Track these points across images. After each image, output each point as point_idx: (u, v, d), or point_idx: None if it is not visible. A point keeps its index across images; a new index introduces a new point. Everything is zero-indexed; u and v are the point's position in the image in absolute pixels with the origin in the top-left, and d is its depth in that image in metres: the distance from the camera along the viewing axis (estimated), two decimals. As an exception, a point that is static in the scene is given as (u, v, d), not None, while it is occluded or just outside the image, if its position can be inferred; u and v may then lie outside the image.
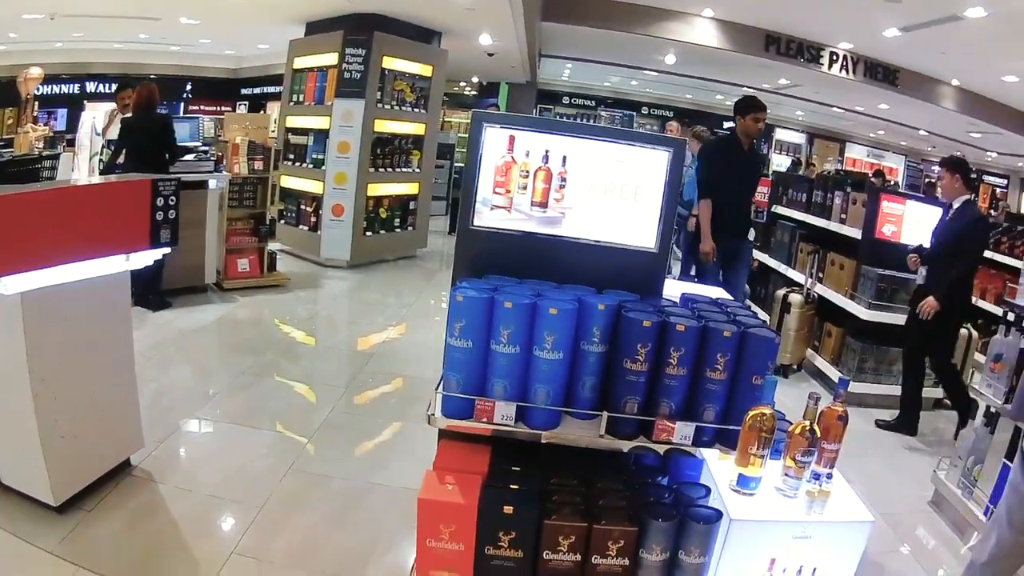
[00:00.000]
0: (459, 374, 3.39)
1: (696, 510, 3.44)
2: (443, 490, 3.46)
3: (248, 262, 10.98)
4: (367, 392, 7.71)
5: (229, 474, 5.65)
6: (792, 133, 34.80)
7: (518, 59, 19.45)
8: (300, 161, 13.72)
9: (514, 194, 3.71)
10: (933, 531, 6.31)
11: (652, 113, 33.27)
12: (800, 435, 3.39)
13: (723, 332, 3.35)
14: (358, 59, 12.89)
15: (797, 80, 21.74)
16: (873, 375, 9.10)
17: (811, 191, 11.10)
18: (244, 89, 28.22)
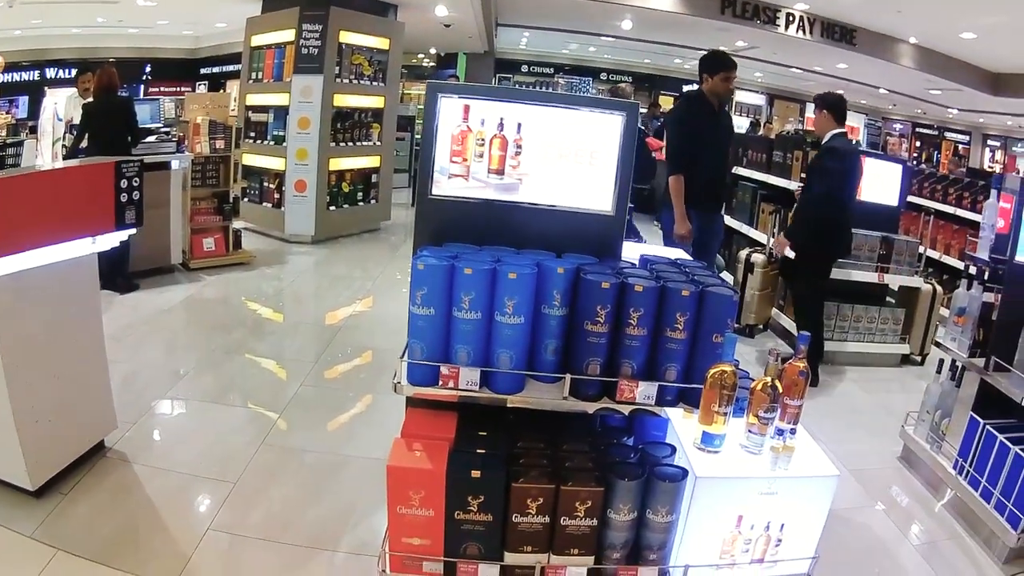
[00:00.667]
0: (423, 342, 3.42)
1: (662, 469, 3.47)
2: (411, 457, 3.48)
3: (213, 241, 10.95)
4: (336, 365, 7.73)
5: (202, 451, 5.67)
6: (752, 95, 34.92)
7: (475, 29, 19.42)
8: (261, 139, 13.65)
9: (471, 162, 3.73)
10: (903, 486, 6.36)
11: (611, 79, 33.08)
12: (762, 391, 3.42)
13: (681, 291, 3.39)
14: (315, 35, 12.83)
15: (755, 42, 21.73)
16: (838, 333, 9.15)
17: (771, 151, 11.14)
18: (203, 69, 28.16)
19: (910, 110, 34.30)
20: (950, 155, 34.87)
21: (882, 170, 9.34)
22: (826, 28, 18.91)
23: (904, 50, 20.00)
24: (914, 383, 8.31)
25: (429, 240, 3.80)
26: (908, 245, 9.21)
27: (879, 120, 37.39)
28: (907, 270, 9.21)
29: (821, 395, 8.07)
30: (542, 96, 3.84)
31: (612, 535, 3.51)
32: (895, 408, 7.28)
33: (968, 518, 5.71)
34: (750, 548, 3.65)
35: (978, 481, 5.56)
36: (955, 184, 12.56)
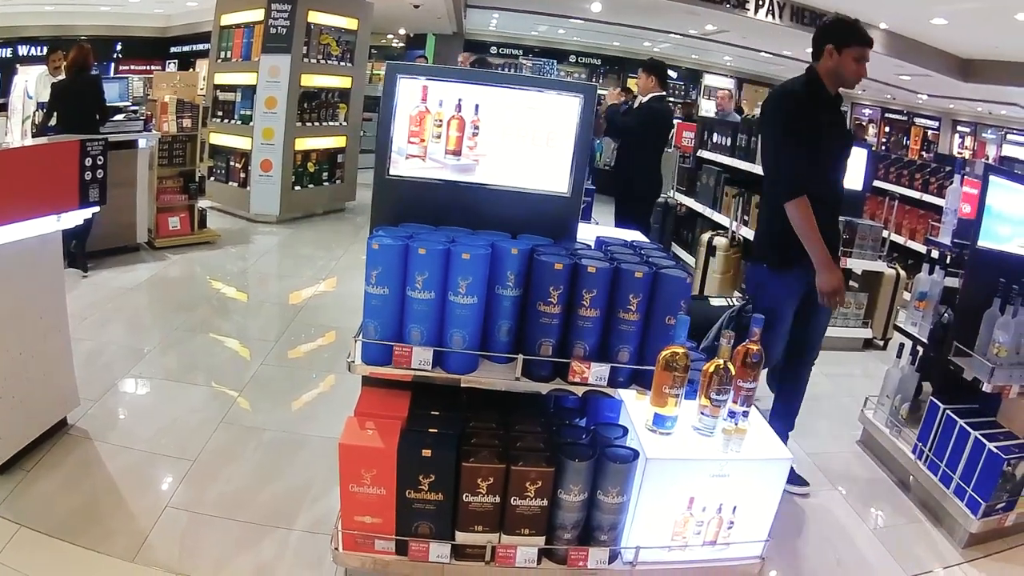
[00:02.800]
0: (377, 321, 3.44)
1: (612, 450, 3.49)
2: (363, 435, 3.50)
3: (179, 220, 10.87)
4: (297, 345, 7.74)
5: (163, 429, 5.66)
6: (721, 79, 34.83)
7: (443, 10, 19.40)
8: (228, 118, 13.58)
9: (428, 143, 3.73)
10: (862, 470, 6.38)
11: (580, 61, 33.37)
12: (714, 374, 3.43)
13: (635, 273, 3.41)
14: (284, 14, 12.73)
15: (724, 26, 21.83)
16: (801, 316, 9.04)
17: (735, 135, 11.05)
18: (173, 48, 27.97)
19: (880, 95, 34.37)
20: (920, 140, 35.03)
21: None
22: (796, 13, 18.94)
23: (874, 35, 19.78)
24: (876, 367, 8.29)
25: (386, 220, 3.81)
26: (872, 229, 9.18)
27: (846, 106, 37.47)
28: (870, 254, 9.15)
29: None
30: (500, 77, 3.85)
31: (563, 515, 3.54)
32: (856, 392, 7.30)
33: (928, 503, 5.74)
34: (702, 530, 3.67)
35: (937, 466, 5.59)
36: (922, 169, 12.62)
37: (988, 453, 5.12)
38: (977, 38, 18.35)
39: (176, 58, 27.63)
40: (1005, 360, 5.31)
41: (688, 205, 12.29)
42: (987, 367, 5.28)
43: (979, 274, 5.62)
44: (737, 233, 9.92)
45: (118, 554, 4.19)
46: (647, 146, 9.33)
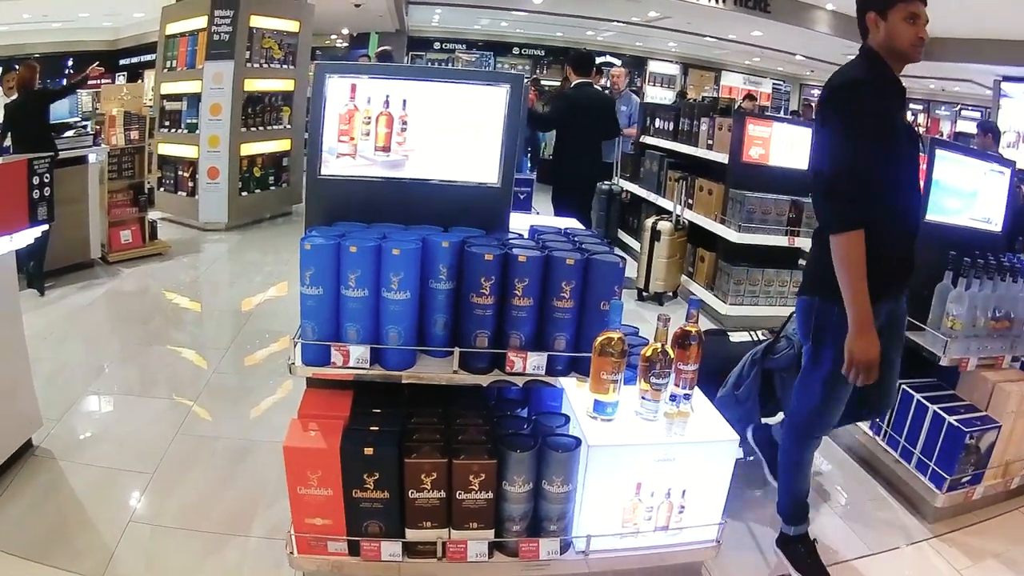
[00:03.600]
0: (313, 321, 3.45)
1: (554, 439, 3.50)
2: (307, 437, 3.50)
3: (130, 233, 10.80)
4: (249, 352, 7.71)
5: (122, 444, 5.64)
6: (666, 64, 34.90)
7: (385, 8, 19.33)
8: (175, 127, 13.51)
9: (358, 141, 3.71)
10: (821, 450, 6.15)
11: (524, 53, 33.32)
12: (653, 358, 3.43)
13: (566, 260, 3.41)
14: (226, 20, 12.70)
15: (667, 12, 21.82)
16: (750, 297, 9.21)
17: (678, 119, 11.09)
18: (123, 60, 27.81)
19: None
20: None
21: (791, 134, 9.40)
22: (739, -4, 18.93)
23: (821, 16, 20.11)
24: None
25: (320, 220, 3.80)
26: (820, 208, 9.14)
27: (786, 85, 37.51)
28: (818, 232, 9.15)
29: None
30: (426, 71, 3.85)
31: (510, 507, 3.55)
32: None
33: (891, 480, 5.75)
34: (653, 515, 3.68)
35: (897, 442, 5.61)
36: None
37: (948, 427, 5.14)
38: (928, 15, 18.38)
39: (125, 70, 27.49)
40: (960, 333, 5.31)
41: (632, 191, 12.30)
42: (941, 341, 5.30)
43: (929, 248, 5.63)
44: (681, 217, 9.94)
45: (87, 572, 4.18)
46: (575, 134, 9.38)
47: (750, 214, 8.81)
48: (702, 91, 31.96)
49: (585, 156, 9.59)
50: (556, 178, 9.79)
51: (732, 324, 8.76)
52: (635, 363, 3.58)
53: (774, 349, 5.05)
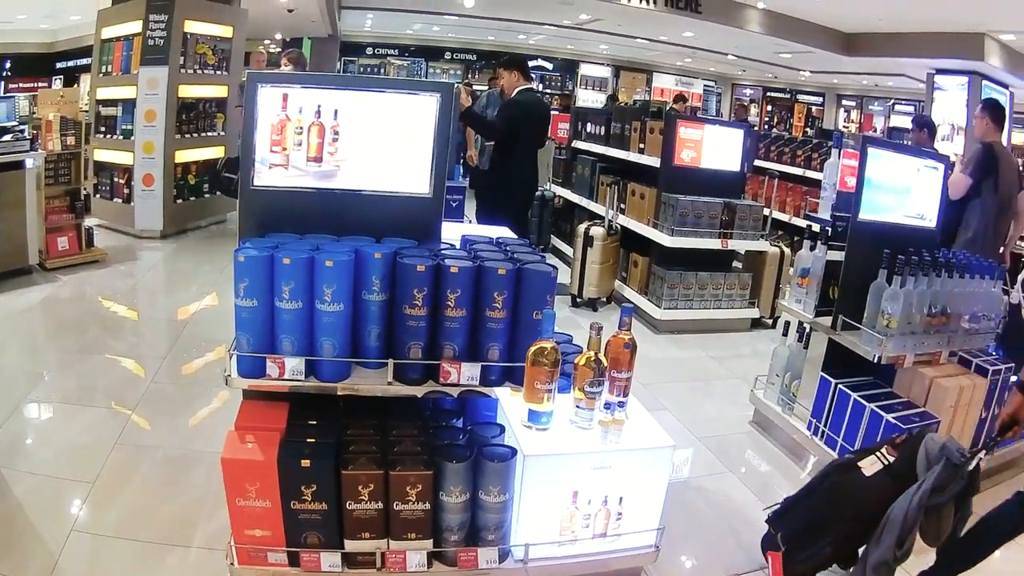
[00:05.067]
0: (248, 333, 3.44)
1: (489, 449, 3.52)
2: (244, 449, 3.50)
3: (67, 240, 10.70)
4: (187, 361, 7.67)
5: (62, 452, 5.61)
6: (598, 67, 35.03)
7: (318, 13, 19.23)
8: (111, 133, 13.35)
9: (290, 151, 3.70)
10: (757, 450, 6.46)
11: (456, 58, 33.54)
12: (586, 366, 3.46)
13: (498, 270, 3.42)
14: (161, 25, 12.57)
15: (598, 14, 21.80)
16: (684, 301, 9.21)
17: (609, 123, 11.11)
18: (59, 63, 27.60)
19: (761, 75, 34.71)
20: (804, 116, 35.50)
21: (722, 136, 9.47)
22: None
23: (752, 15, 20.20)
24: (766, 346, 8.25)
25: (254, 231, 3.79)
26: (752, 209, 9.35)
27: (718, 85, 37.77)
28: (752, 235, 9.34)
29: (670, 366, 8.15)
30: (357, 81, 3.88)
31: (447, 517, 3.56)
32: (747, 373, 7.37)
33: (829, 478, 5.78)
34: (590, 523, 3.70)
35: (835, 440, 5.68)
36: (803, 145, 12.78)
37: (886, 424, 5.22)
38: (859, 11, 18.52)
39: (62, 74, 27.28)
40: (896, 331, 5.38)
41: (565, 197, 12.32)
42: (876, 339, 5.38)
43: (862, 247, 5.69)
44: (614, 222, 9.95)
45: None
46: (520, 140, 9.26)
47: (683, 218, 8.85)
48: (634, 93, 32.08)
49: (531, 164, 9.57)
50: (496, 188, 9.64)
51: (667, 328, 8.87)
52: (569, 371, 3.60)
53: (944, 487, 3.99)
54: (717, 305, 9.34)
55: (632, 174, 10.15)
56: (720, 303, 9.36)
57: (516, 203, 9.40)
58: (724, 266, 9.68)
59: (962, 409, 5.58)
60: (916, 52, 19.78)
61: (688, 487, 5.55)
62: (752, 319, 9.70)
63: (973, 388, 5.63)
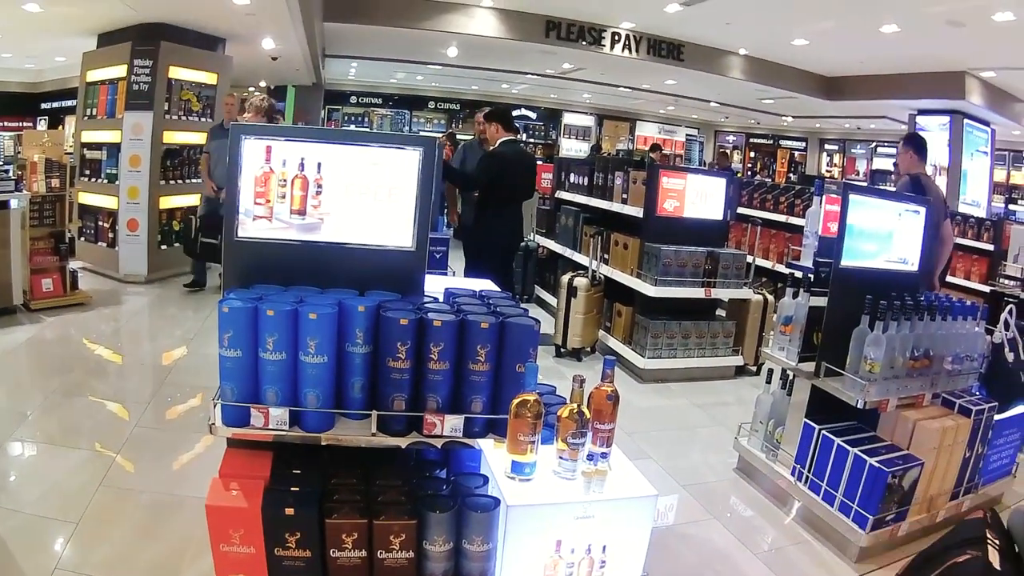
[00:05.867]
0: (232, 383, 3.45)
1: (473, 499, 3.51)
2: (228, 496, 3.50)
3: (52, 281, 10.74)
4: (171, 406, 7.69)
5: (47, 492, 5.64)
6: (581, 116, 35.24)
7: (301, 61, 19.22)
8: (96, 176, 13.42)
9: (274, 203, 3.73)
10: (741, 496, 6.48)
11: (439, 107, 33.70)
12: (569, 418, 3.47)
13: (481, 324, 3.45)
14: (145, 70, 12.67)
15: (581, 63, 21.97)
16: (668, 350, 9.23)
17: (592, 174, 11.14)
18: (44, 103, 27.58)
19: (743, 121, 34.93)
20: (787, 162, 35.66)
21: (704, 185, 9.53)
22: (653, 45, 19.14)
23: (734, 62, 20.43)
24: (750, 393, 8.29)
25: (238, 282, 3.80)
26: (735, 258, 9.41)
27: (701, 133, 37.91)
28: (735, 283, 9.40)
29: (654, 414, 8.18)
30: (339, 134, 3.89)
31: (431, 567, 3.54)
32: (730, 421, 7.44)
33: (814, 523, 5.85)
34: (574, 571, 3.69)
35: (819, 485, 5.72)
36: (786, 192, 12.82)
37: (870, 468, 5.27)
38: (840, 55, 18.73)
39: (47, 114, 27.26)
40: (879, 375, 5.43)
41: (549, 247, 12.37)
42: (860, 384, 5.42)
43: (844, 293, 5.73)
44: (598, 273, 10.01)
45: (14, 616, 4.20)
46: (502, 192, 9.32)
47: (666, 267, 8.89)
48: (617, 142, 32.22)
49: (513, 216, 9.58)
50: (479, 240, 9.67)
51: (651, 377, 8.91)
52: (552, 422, 3.63)
53: None
54: (701, 353, 9.38)
55: (616, 224, 10.18)
56: (704, 351, 9.41)
57: (499, 254, 9.42)
58: (708, 314, 9.75)
59: (946, 450, 5.65)
60: (898, 93, 19.93)
61: (672, 534, 5.57)
62: (736, 366, 9.74)
63: (957, 429, 5.70)
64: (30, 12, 13.11)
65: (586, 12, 17.67)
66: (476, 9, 17.42)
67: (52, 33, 15.53)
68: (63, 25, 14.27)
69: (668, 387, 9.02)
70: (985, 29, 13.73)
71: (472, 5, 17.30)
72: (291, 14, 12.42)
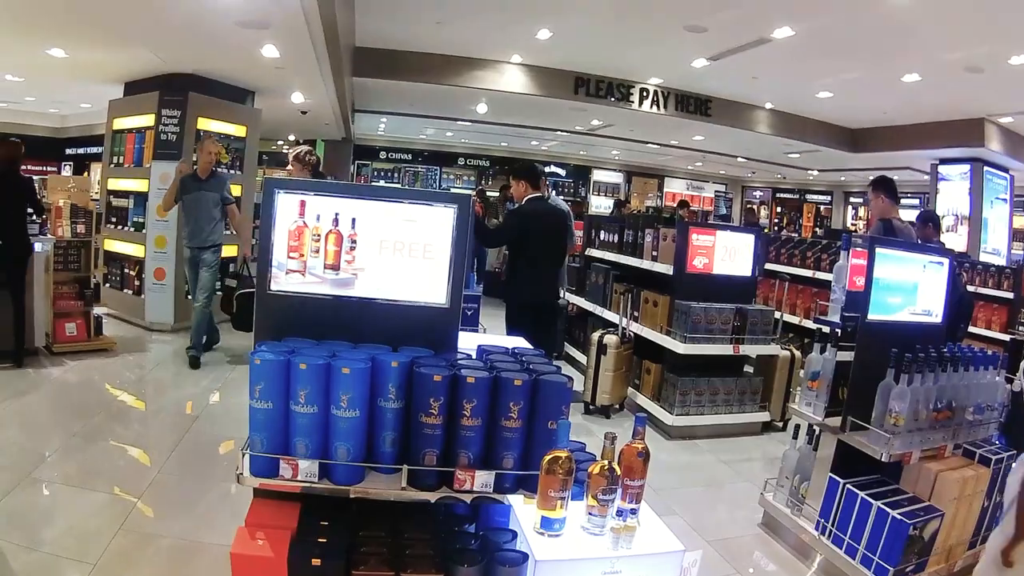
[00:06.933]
0: (262, 434, 3.44)
1: (502, 554, 3.50)
2: (254, 545, 3.48)
3: (75, 326, 10.81)
4: (195, 454, 7.65)
5: (64, 532, 5.64)
6: (609, 173, 35.34)
7: (331, 116, 19.23)
8: (122, 224, 13.52)
9: (307, 258, 3.76)
10: (766, 552, 6.46)
11: (469, 164, 33.67)
12: (599, 475, 3.46)
13: (514, 381, 3.45)
14: (173, 120, 12.74)
15: (609, 120, 22.02)
16: (696, 407, 9.21)
17: (622, 231, 11.18)
18: (69, 149, 27.63)
19: (770, 176, 34.85)
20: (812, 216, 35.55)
21: (733, 242, 9.55)
22: (680, 100, 19.20)
23: (761, 116, 20.51)
24: (776, 449, 8.32)
25: (270, 335, 3.81)
26: (763, 314, 9.43)
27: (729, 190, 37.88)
28: (763, 339, 9.40)
29: (681, 470, 8.16)
30: (375, 191, 3.91)
31: (459, 621, 3.52)
32: (756, 476, 7.43)
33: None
34: (600, 626, 3.69)
35: (842, 539, 5.69)
36: (812, 247, 12.77)
37: (892, 521, 5.26)
38: (863, 106, 18.74)
39: (72, 160, 27.36)
40: (903, 428, 5.42)
41: (579, 304, 12.34)
42: (884, 438, 5.41)
43: (871, 347, 5.73)
44: (627, 330, 10.01)
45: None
46: (527, 249, 9.23)
47: (695, 324, 8.88)
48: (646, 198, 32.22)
49: (544, 274, 9.49)
50: (510, 298, 9.63)
51: (678, 434, 8.92)
52: (582, 479, 3.62)
53: None
54: (728, 410, 9.36)
55: (645, 281, 10.19)
56: (731, 408, 9.39)
57: (529, 313, 9.28)
58: (735, 371, 9.73)
59: (965, 500, 5.65)
60: (920, 143, 19.92)
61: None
62: (763, 422, 9.69)
63: (976, 479, 5.70)
64: (55, 57, 13.20)
65: (614, 68, 17.76)
66: (506, 66, 17.53)
67: (78, 80, 15.62)
68: (89, 72, 14.37)
69: (695, 444, 8.99)
70: (1003, 74, 13.80)
71: (502, 62, 17.40)
72: (320, 68, 12.46)
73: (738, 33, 13.56)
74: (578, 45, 15.68)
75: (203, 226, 10.83)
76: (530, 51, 16.63)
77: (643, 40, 14.78)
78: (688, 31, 13.58)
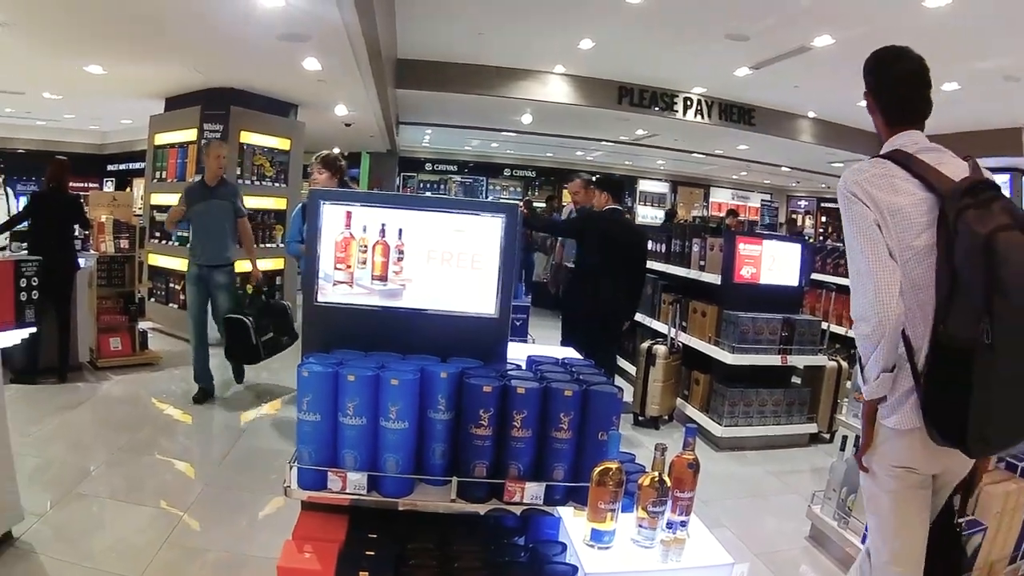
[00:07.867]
0: (310, 447, 3.43)
1: (551, 567, 3.48)
2: (301, 558, 3.48)
3: (120, 340, 10.87)
4: (241, 467, 7.68)
5: (109, 546, 5.65)
6: (655, 183, 35.37)
7: (375, 128, 19.35)
8: (166, 239, 13.57)
9: (354, 269, 3.76)
10: (812, 565, 6.40)
11: (515, 175, 33.82)
12: (650, 487, 3.43)
13: (564, 392, 3.43)
14: (216, 135, 12.76)
15: (654, 129, 22.09)
16: (744, 418, 9.16)
17: (670, 241, 11.14)
18: (110, 165, 27.80)
19: (814, 185, 34.76)
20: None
21: (780, 251, 9.48)
22: (724, 110, 19.22)
23: (803, 125, 20.51)
24: (823, 461, 8.33)
25: (317, 347, 3.81)
26: (810, 325, 9.37)
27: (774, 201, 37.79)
28: (810, 349, 9.33)
29: (729, 482, 8.11)
30: (421, 201, 3.89)
31: (508, 634, 3.50)
32: (803, 488, 7.36)
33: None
34: (650, 639, 3.66)
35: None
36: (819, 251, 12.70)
37: (936, 533, 5.15)
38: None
39: (113, 176, 27.52)
40: (949, 438, 5.33)
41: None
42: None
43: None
44: (676, 340, 9.97)
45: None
46: (594, 258, 9.06)
47: (743, 335, 8.85)
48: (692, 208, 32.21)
49: (609, 290, 9.15)
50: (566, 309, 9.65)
51: (727, 445, 8.89)
52: (632, 490, 3.59)
53: None
54: (776, 421, 9.30)
55: (693, 291, 10.17)
56: (779, 419, 9.32)
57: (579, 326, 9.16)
58: (783, 381, 9.66)
59: (1008, 514, 5.53)
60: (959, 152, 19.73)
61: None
62: (810, 434, 9.64)
63: (1019, 493, 5.58)
64: (93, 74, 13.27)
65: (657, 78, 17.80)
66: (549, 76, 17.58)
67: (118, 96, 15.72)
68: (128, 88, 14.47)
69: (744, 455, 8.96)
70: (1040, 82, 13.72)
71: (545, 72, 17.43)
72: (363, 80, 12.46)
73: (779, 41, 13.54)
74: (620, 54, 15.69)
75: (214, 240, 9.85)
76: (573, 61, 16.67)
77: (685, 49, 14.79)
78: (730, 39, 13.57)
